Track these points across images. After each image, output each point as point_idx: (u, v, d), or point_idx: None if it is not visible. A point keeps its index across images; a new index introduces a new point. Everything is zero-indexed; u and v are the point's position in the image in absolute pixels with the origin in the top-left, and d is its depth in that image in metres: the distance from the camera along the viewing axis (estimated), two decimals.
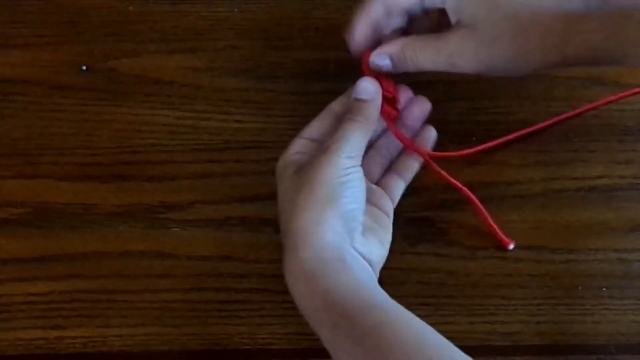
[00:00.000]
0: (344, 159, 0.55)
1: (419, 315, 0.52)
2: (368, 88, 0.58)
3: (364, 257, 0.55)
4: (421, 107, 0.62)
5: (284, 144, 0.61)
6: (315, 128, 0.59)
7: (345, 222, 0.54)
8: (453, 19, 0.56)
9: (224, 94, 0.66)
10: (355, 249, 0.54)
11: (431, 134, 0.62)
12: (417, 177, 0.62)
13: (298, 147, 0.58)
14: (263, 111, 0.65)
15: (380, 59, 0.58)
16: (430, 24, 0.60)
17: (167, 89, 0.66)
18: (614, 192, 0.63)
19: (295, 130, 0.63)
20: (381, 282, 0.56)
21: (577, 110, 0.64)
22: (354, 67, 0.59)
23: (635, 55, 0.54)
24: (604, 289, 0.60)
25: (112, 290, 0.61)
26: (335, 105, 0.60)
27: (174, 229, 0.62)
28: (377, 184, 0.60)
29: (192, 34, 0.68)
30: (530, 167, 0.63)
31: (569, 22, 0.54)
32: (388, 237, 0.58)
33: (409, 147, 0.60)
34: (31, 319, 0.60)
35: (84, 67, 0.67)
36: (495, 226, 0.60)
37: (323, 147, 0.56)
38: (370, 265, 0.55)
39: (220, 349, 0.59)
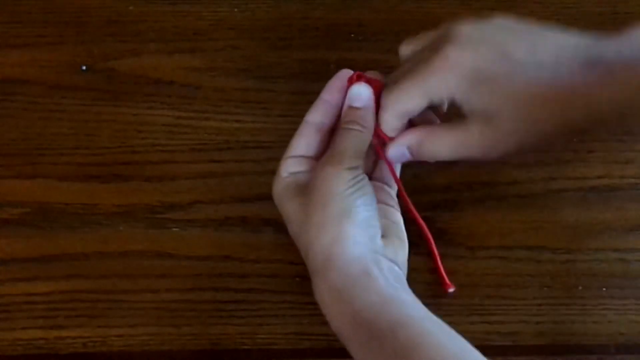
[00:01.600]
0: (349, 171, 0.54)
1: None
2: (361, 94, 0.57)
3: (390, 261, 0.54)
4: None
5: (284, 144, 0.60)
6: (300, 145, 0.58)
7: (364, 230, 0.54)
8: (465, 109, 0.54)
9: (224, 94, 0.66)
10: (381, 254, 0.54)
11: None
12: (417, 177, 0.62)
13: (290, 168, 0.57)
14: (263, 111, 0.65)
15: (398, 152, 0.57)
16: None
17: (167, 89, 0.66)
18: (614, 192, 0.63)
19: (295, 130, 0.62)
20: None
21: None
22: (353, 67, 0.59)
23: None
24: (604, 289, 0.60)
25: (112, 290, 0.61)
26: (312, 116, 0.58)
27: (174, 229, 0.62)
28: (372, 176, 0.60)
29: (192, 34, 0.68)
30: (530, 167, 0.63)
31: (575, 91, 0.52)
32: (402, 229, 0.58)
33: (392, 173, 0.59)
34: (31, 319, 0.60)
35: (84, 67, 0.67)
36: (441, 267, 0.59)
37: (323, 161, 0.55)
38: (398, 266, 0.55)
39: (220, 349, 0.59)
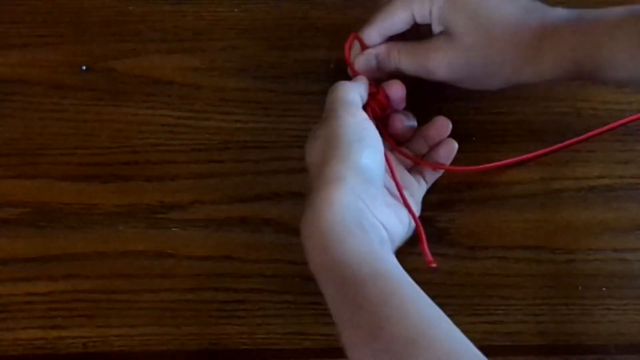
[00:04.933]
0: (352, 114, 0.56)
1: None
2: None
3: (383, 226, 0.54)
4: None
5: (284, 144, 0.61)
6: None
7: (364, 183, 0.54)
8: (437, 29, 0.58)
9: (224, 94, 0.66)
10: (374, 216, 0.54)
11: (449, 147, 0.62)
12: None
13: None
14: (263, 111, 0.65)
15: (365, 58, 0.61)
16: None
17: (167, 89, 0.66)
18: (614, 192, 0.63)
19: (295, 130, 0.63)
20: None
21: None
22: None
23: (609, 67, 0.55)
24: (604, 289, 0.60)
25: (112, 290, 0.61)
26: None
27: (174, 229, 0.62)
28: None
29: (192, 34, 0.68)
30: (530, 167, 0.63)
31: (543, 36, 0.56)
32: (407, 215, 0.58)
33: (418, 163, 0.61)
34: (31, 319, 0.60)
35: (84, 67, 0.67)
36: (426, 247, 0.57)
37: None
38: (387, 231, 0.55)
39: (220, 349, 0.59)
